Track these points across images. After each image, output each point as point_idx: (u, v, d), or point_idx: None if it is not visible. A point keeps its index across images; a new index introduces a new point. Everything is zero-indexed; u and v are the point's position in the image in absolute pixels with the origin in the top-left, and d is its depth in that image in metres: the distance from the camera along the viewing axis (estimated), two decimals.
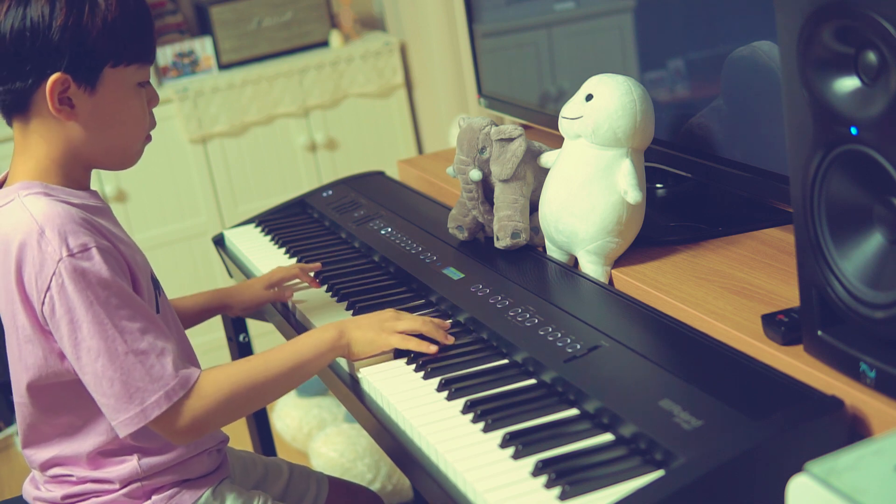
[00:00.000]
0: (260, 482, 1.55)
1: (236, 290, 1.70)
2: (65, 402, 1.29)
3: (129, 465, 1.32)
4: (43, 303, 1.20)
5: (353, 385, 1.37)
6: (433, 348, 1.35)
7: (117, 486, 1.32)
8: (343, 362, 1.42)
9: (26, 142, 1.28)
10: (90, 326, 1.19)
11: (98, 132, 1.27)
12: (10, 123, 1.29)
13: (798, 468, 0.82)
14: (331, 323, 1.37)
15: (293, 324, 1.60)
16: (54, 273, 1.19)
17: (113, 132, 1.29)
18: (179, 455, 1.34)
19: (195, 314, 1.67)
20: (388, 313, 1.39)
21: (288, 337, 1.62)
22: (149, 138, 1.35)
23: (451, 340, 1.37)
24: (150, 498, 1.33)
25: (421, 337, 1.36)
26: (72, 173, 1.29)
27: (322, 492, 1.60)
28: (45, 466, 1.34)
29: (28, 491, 1.38)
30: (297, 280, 1.71)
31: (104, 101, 1.26)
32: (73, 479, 1.33)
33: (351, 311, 1.55)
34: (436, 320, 1.40)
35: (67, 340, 1.20)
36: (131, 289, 1.24)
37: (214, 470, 1.41)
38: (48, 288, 1.19)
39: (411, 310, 1.51)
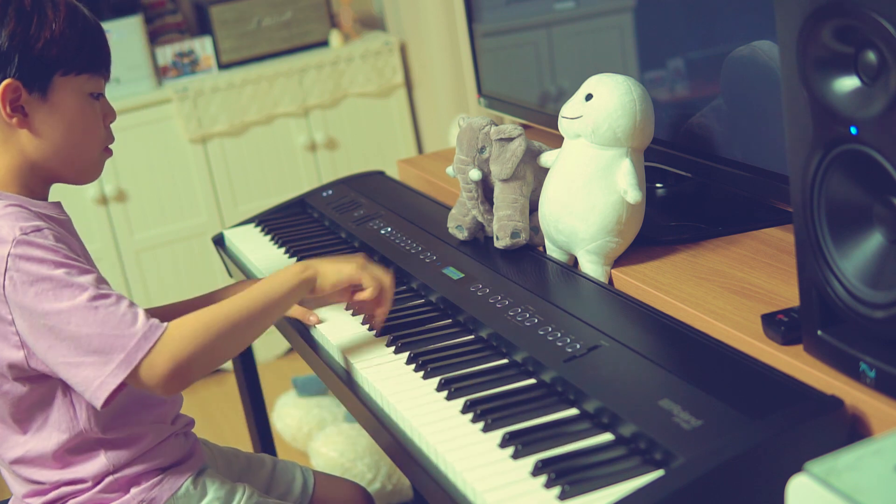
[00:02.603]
0: (243, 474, 1.55)
1: None
2: (19, 407, 1.30)
3: (98, 460, 1.32)
4: (4, 286, 1.21)
5: (353, 385, 1.37)
6: (380, 312, 1.43)
7: (90, 484, 1.32)
8: (342, 360, 1.42)
9: None
10: (55, 290, 1.21)
11: (52, 140, 1.31)
12: None
13: (798, 468, 0.82)
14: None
15: (294, 324, 1.60)
16: (9, 255, 1.21)
17: (67, 141, 1.32)
18: (147, 443, 1.35)
19: None
20: (358, 258, 1.45)
21: (289, 338, 1.62)
22: (108, 152, 1.39)
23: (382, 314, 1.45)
24: (128, 491, 1.34)
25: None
26: (30, 184, 1.33)
27: (309, 481, 1.61)
28: (15, 463, 1.34)
29: None
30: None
31: (57, 109, 1.31)
32: (47, 485, 1.33)
33: (350, 311, 1.55)
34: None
35: (37, 315, 1.21)
36: None
37: (188, 456, 1.41)
38: (6, 269, 1.21)
39: (410, 309, 1.51)
